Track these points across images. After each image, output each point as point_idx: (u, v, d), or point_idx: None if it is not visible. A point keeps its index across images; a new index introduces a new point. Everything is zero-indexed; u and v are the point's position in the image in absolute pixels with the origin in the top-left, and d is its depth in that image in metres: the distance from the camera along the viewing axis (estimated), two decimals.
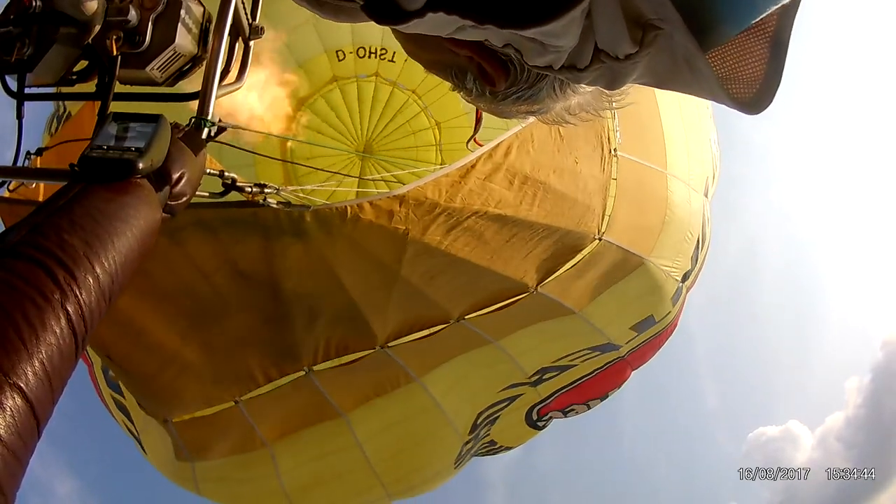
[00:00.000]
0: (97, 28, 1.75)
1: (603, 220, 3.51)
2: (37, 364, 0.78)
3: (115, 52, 1.73)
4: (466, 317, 3.59)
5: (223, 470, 3.91)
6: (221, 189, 2.03)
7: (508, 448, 4.90)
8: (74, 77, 1.77)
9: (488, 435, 4.51)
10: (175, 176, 1.28)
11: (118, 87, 1.79)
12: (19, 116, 1.70)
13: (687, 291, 4.27)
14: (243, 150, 3.13)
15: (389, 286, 3.20)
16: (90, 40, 1.78)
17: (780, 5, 0.65)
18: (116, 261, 0.98)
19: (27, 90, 1.68)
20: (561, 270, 3.62)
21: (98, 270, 0.94)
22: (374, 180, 4.62)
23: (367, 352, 3.56)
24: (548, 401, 4.42)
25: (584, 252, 3.59)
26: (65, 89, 1.80)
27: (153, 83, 1.87)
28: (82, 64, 1.76)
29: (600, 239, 3.51)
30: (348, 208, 2.62)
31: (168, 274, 2.72)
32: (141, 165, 1.17)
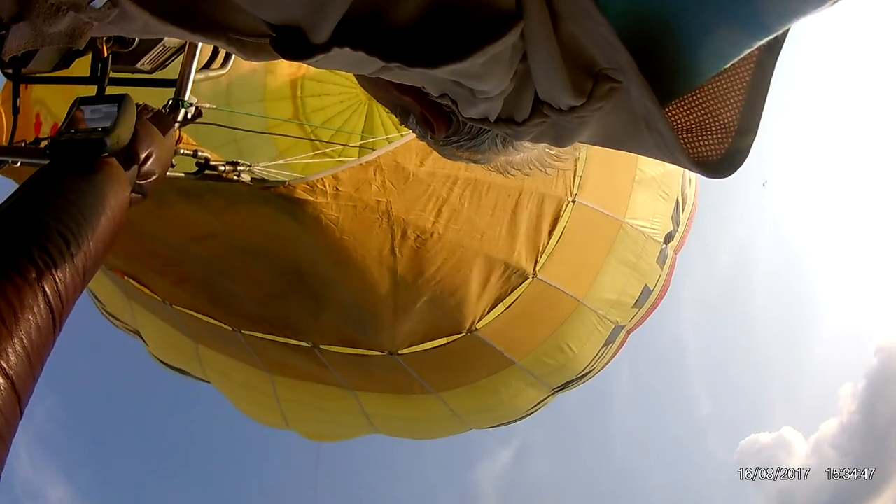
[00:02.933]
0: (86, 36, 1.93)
1: (574, 181, 3.56)
2: (16, 341, 0.79)
3: (105, 54, 1.87)
4: (478, 325, 3.55)
5: (224, 366, 3.98)
6: (196, 168, 2.15)
7: None
8: (67, 63, 1.95)
9: None
10: (142, 155, 1.30)
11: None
12: (15, 102, 1.85)
13: (674, 253, 4.35)
14: (237, 129, 3.29)
15: (393, 292, 3.17)
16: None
17: (754, 48, 0.56)
18: (89, 238, 1.00)
19: None
20: (551, 245, 3.63)
21: (72, 248, 0.95)
22: (365, 147, 4.64)
23: (377, 353, 3.55)
24: None
25: (563, 219, 3.65)
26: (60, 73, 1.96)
27: (145, 73, 2.04)
28: None
29: (573, 201, 3.62)
30: (326, 181, 2.66)
31: (160, 231, 2.78)
32: (107, 144, 1.21)
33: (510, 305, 3.60)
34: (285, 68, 4.95)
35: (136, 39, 1.93)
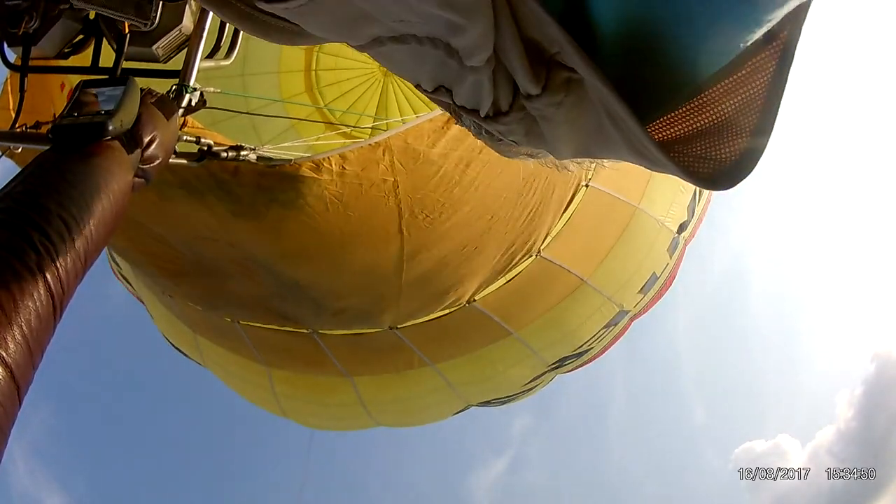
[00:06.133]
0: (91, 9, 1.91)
1: (590, 167, 3.51)
2: (15, 329, 0.77)
3: (126, 31, 1.82)
4: (476, 297, 3.58)
5: (222, 360, 4.07)
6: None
7: None
8: (69, 50, 1.92)
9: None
10: (146, 139, 1.28)
11: (102, 64, 1.95)
12: (22, 88, 1.84)
13: (685, 243, 4.32)
14: (247, 114, 3.26)
15: (398, 269, 3.16)
16: (101, 20, 1.94)
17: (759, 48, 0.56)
18: (91, 222, 0.99)
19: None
20: (558, 225, 3.61)
21: (73, 233, 0.93)
22: (377, 128, 4.61)
23: (376, 330, 3.59)
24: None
25: (575, 202, 3.62)
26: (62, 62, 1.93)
27: (154, 59, 2.02)
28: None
29: (587, 185, 3.56)
30: (332, 160, 2.63)
31: (162, 224, 2.80)
32: (110, 127, 1.19)
33: (511, 280, 3.63)
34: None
35: (156, 20, 1.91)
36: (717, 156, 0.62)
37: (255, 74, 4.67)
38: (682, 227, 4.08)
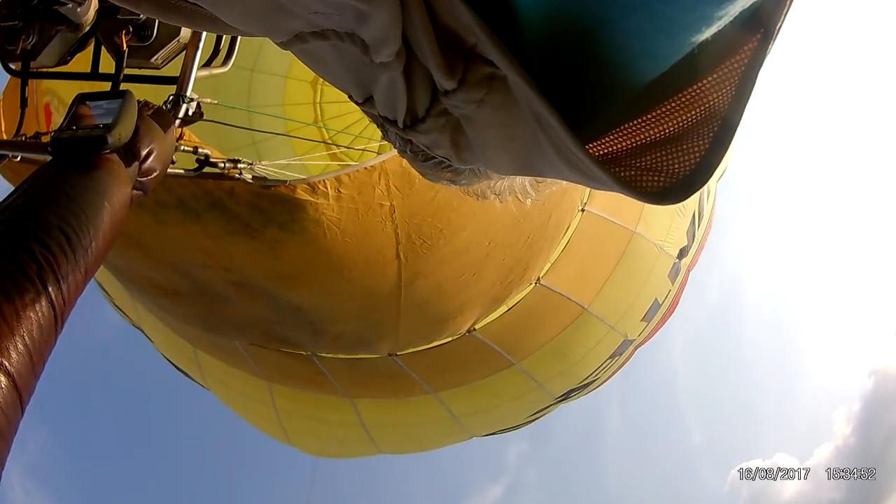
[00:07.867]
0: (89, 25, 1.96)
1: (586, 191, 3.50)
2: (17, 339, 0.79)
3: (124, 48, 1.86)
4: (476, 326, 3.55)
5: (223, 374, 3.99)
6: (196, 165, 2.13)
7: None
8: (69, 57, 1.98)
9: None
10: (143, 152, 1.30)
11: (102, 69, 1.99)
12: (23, 94, 1.88)
13: (687, 270, 4.29)
14: (245, 129, 3.31)
15: (397, 295, 3.13)
16: (99, 34, 1.99)
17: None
18: (91, 234, 1.00)
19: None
20: (556, 252, 3.61)
21: (74, 245, 0.94)
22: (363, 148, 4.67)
23: (375, 356, 3.56)
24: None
25: (572, 227, 3.64)
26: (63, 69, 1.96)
27: (153, 68, 2.06)
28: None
29: (583, 210, 3.57)
30: (328, 183, 2.62)
31: (159, 246, 2.78)
32: (109, 140, 1.22)
33: (511, 308, 3.59)
34: (306, 72, 4.97)
35: (154, 34, 1.95)
36: (668, 168, 0.55)
37: (264, 73, 4.69)
38: (682, 253, 4.07)
